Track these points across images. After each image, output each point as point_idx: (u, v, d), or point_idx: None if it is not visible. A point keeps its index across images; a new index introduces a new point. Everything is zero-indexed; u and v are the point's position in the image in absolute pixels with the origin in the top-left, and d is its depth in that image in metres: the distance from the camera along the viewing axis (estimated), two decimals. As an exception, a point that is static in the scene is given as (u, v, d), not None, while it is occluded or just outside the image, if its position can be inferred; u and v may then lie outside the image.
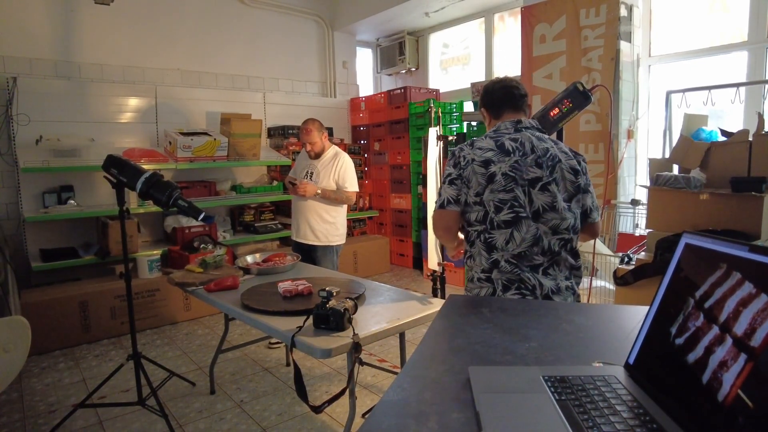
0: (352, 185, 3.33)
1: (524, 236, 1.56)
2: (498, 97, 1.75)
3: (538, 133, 1.66)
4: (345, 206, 3.42)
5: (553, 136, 1.90)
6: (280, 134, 5.08)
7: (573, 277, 1.63)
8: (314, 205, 3.29)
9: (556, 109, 1.94)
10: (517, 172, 1.57)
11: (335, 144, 5.43)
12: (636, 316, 1.11)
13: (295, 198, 3.36)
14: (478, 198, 1.59)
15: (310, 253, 3.27)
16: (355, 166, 5.43)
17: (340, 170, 3.31)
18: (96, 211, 3.81)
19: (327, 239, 3.33)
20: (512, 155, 1.59)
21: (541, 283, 1.57)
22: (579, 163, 1.64)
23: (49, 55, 4.03)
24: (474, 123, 4.64)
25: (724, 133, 2.98)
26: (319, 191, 3.23)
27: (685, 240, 0.79)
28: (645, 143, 3.95)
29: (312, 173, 3.32)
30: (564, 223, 1.57)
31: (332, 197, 3.28)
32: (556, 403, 0.70)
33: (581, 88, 1.90)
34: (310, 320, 1.67)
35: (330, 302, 1.66)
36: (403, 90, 5.36)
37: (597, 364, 0.85)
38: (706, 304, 0.68)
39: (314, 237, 3.32)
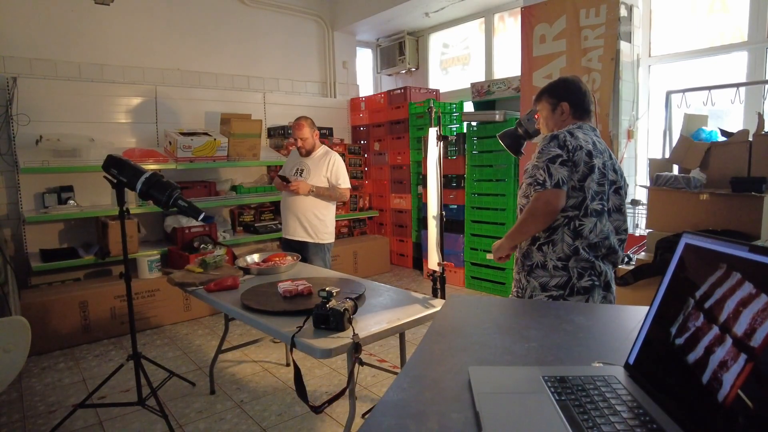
0: (345, 182, 3.37)
1: (603, 228, 1.68)
2: (588, 102, 1.83)
3: (597, 136, 1.80)
4: (333, 205, 3.46)
5: None
6: (280, 134, 5.08)
7: (613, 269, 1.79)
8: (307, 203, 3.31)
9: (538, 113, 2.02)
10: (606, 170, 1.72)
11: (336, 144, 5.48)
12: (636, 316, 1.11)
13: (285, 195, 3.38)
14: (580, 184, 1.65)
15: (301, 251, 3.28)
16: (355, 167, 5.50)
17: (333, 168, 3.34)
18: (96, 211, 3.81)
19: (318, 236, 3.37)
20: (603, 155, 1.72)
21: (605, 271, 1.72)
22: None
23: (49, 55, 4.03)
24: (474, 123, 4.64)
25: (724, 133, 2.98)
26: (313, 189, 3.25)
27: (685, 240, 0.79)
28: (645, 143, 3.95)
29: (302, 170, 3.35)
30: (624, 225, 1.76)
31: (326, 194, 3.31)
32: (556, 403, 0.70)
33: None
34: (310, 320, 1.67)
35: (330, 302, 1.66)
36: (403, 90, 5.36)
37: (597, 364, 0.85)
38: (706, 305, 0.68)
39: (305, 234, 3.35)
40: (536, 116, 2.03)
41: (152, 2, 4.52)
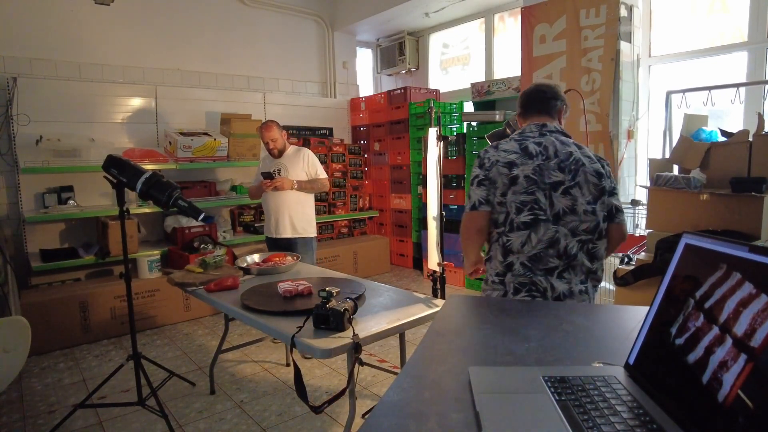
0: (322, 173, 3.51)
1: (540, 238, 1.58)
2: (527, 98, 1.78)
3: (562, 137, 1.68)
4: (313, 199, 3.57)
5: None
6: (280, 134, 5.08)
7: (590, 281, 1.64)
8: (293, 199, 3.39)
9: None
10: (538, 176, 1.59)
11: (336, 144, 5.48)
12: (636, 317, 1.11)
13: (268, 195, 3.42)
14: (502, 199, 1.62)
15: (288, 249, 3.32)
16: (355, 167, 5.50)
17: (308, 162, 3.46)
18: (96, 211, 3.81)
19: (306, 231, 3.46)
20: (535, 159, 1.61)
21: (553, 286, 1.58)
22: (603, 167, 1.66)
23: (49, 55, 4.03)
24: (474, 123, 4.64)
25: (724, 133, 2.98)
26: (295, 184, 3.33)
27: (685, 240, 0.79)
28: (645, 143, 3.95)
29: (280, 170, 3.41)
30: (582, 225, 1.59)
31: (308, 187, 3.42)
32: (556, 403, 0.70)
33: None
34: (310, 320, 1.67)
35: (330, 302, 1.66)
36: (403, 90, 5.36)
37: (597, 365, 0.85)
38: (706, 305, 0.68)
39: (294, 231, 3.42)
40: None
41: (152, 2, 4.53)
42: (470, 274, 1.86)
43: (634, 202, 3.51)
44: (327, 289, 1.69)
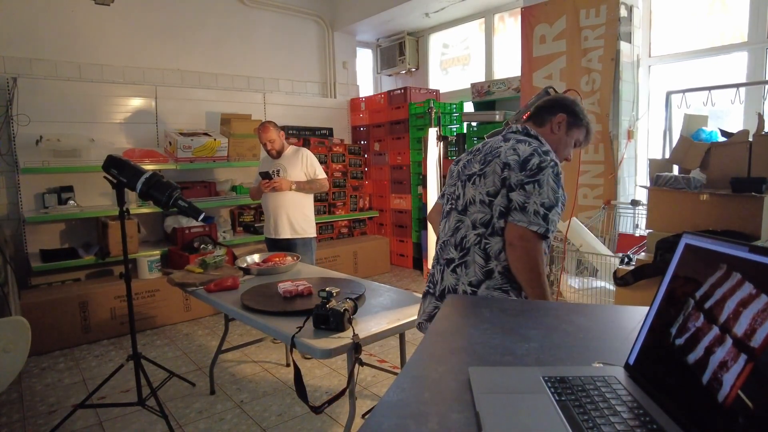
0: (322, 173, 3.50)
1: (450, 226, 1.62)
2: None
3: (511, 135, 1.60)
4: (312, 199, 3.57)
5: None
6: (280, 134, 5.08)
7: (487, 285, 1.51)
8: (293, 200, 3.39)
9: (529, 112, 2.00)
10: (463, 169, 1.64)
11: (336, 144, 5.48)
12: (636, 317, 1.11)
13: (267, 196, 3.42)
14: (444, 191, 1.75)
15: (288, 249, 3.32)
16: (355, 167, 5.50)
17: (307, 162, 3.46)
18: (96, 211, 3.81)
19: (305, 232, 3.46)
20: (470, 155, 1.66)
21: (442, 279, 1.59)
22: (527, 161, 1.47)
23: (49, 55, 4.03)
24: (474, 123, 4.64)
25: (724, 133, 2.98)
26: (293, 185, 3.34)
27: (685, 240, 0.79)
28: (645, 144, 3.95)
29: (279, 170, 3.41)
30: (478, 217, 1.52)
31: (307, 187, 3.42)
32: (556, 403, 0.70)
33: (552, 93, 1.98)
34: (310, 320, 1.67)
35: (330, 302, 1.66)
36: (403, 90, 5.36)
37: (597, 365, 0.85)
38: (706, 305, 0.68)
39: (293, 231, 3.42)
40: (524, 116, 2.03)
41: (152, 2, 4.53)
42: None
43: (634, 203, 3.51)
44: (327, 289, 1.69)
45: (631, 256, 3.06)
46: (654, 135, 3.91)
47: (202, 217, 2.22)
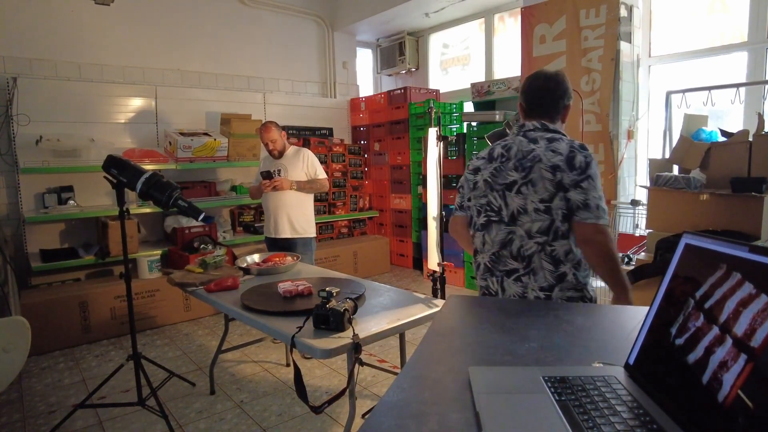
0: (322, 173, 3.51)
1: (493, 239, 1.58)
2: (532, 95, 1.66)
3: (534, 135, 1.58)
4: (313, 199, 3.58)
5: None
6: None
7: (560, 288, 1.51)
8: (293, 199, 3.40)
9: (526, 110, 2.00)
10: (494, 178, 1.58)
11: (336, 144, 5.48)
12: (636, 317, 1.11)
13: (268, 195, 3.42)
14: (468, 203, 1.69)
15: (287, 249, 3.32)
16: (355, 167, 5.50)
17: (308, 162, 3.46)
18: (96, 211, 3.81)
19: (305, 231, 3.47)
20: (495, 162, 1.60)
21: (504, 289, 1.58)
22: (571, 160, 1.49)
23: (49, 55, 4.03)
24: (474, 123, 4.64)
25: (724, 133, 2.99)
26: (294, 184, 3.34)
27: (685, 240, 0.79)
28: (645, 143, 3.95)
29: (280, 170, 3.41)
30: (535, 226, 1.50)
31: (307, 187, 3.43)
32: (556, 403, 0.70)
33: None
34: (310, 320, 1.67)
35: (330, 302, 1.66)
36: (403, 90, 5.36)
37: (597, 365, 0.85)
38: (706, 305, 0.68)
39: (293, 231, 3.42)
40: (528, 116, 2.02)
41: (152, 2, 4.53)
42: None
43: (634, 202, 3.51)
44: (327, 289, 1.69)
45: (631, 256, 3.06)
46: (654, 135, 3.91)
47: (202, 217, 2.22)
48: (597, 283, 1.65)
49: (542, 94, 1.64)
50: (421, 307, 1.90)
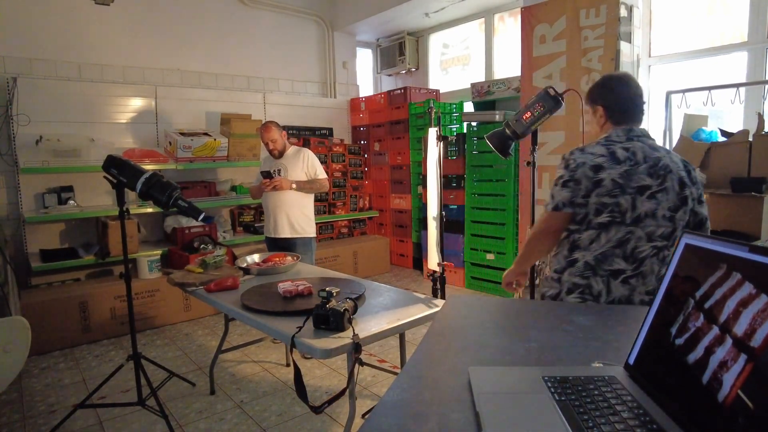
0: (322, 173, 3.51)
1: (609, 237, 1.58)
2: (625, 104, 1.71)
3: (650, 142, 1.67)
4: (313, 199, 3.58)
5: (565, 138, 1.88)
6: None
7: None
8: (293, 199, 3.40)
9: (528, 112, 2.02)
10: (625, 180, 1.58)
11: (336, 144, 5.48)
12: (636, 316, 1.11)
13: (267, 195, 3.42)
14: (584, 200, 1.62)
15: (287, 249, 3.32)
16: (355, 167, 5.51)
17: (308, 162, 3.47)
18: (96, 211, 3.81)
19: (305, 231, 3.47)
20: (623, 164, 1.60)
21: (609, 290, 1.57)
22: (689, 174, 1.64)
23: (49, 55, 4.03)
24: (474, 123, 4.63)
25: (724, 133, 2.99)
26: (293, 184, 3.34)
27: (685, 240, 0.79)
28: (645, 143, 3.95)
29: (280, 170, 3.42)
30: (659, 230, 1.58)
31: (307, 187, 3.43)
32: (556, 403, 0.70)
33: (552, 93, 1.98)
34: (310, 320, 1.67)
35: (330, 302, 1.66)
36: (403, 90, 5.36)
37: (597, 365, 0.85)
38: (706, 305, 0.68)
39: (292, 231, 3.43)
40: (524, 117, 2.03)
41: (152, 2, 4.53)
42: (507, 285, 1.86)
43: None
44: (327, 289, 1.69)
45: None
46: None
47: (202, 217, 2.22)
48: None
49: (638, 101, 1.72)
50: (421, 307, 1.90)
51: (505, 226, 4.33)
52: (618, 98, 1.72)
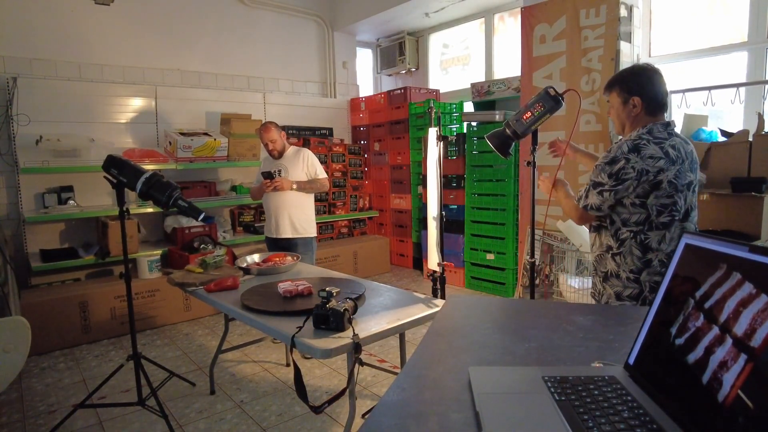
0: (322, 173, 3.52)
1: (672, 236, 1.68)
2: (662, 98, 1.73)
3: (682, 135, 1.74)
4: (313, 199, 3.58)
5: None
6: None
7: None
8: (294, 199, 3.40)
9: (529, 112, 2.02)
10: (678, 180, 1.65)
11: (336, 144, 5.49)
12: (636, 316, 1.11)
13: (268, 196, 3.43)
14: (639, 201, 1.65)
15: (288, 249, 3.32)
16: (355, 167, 5.51)
17: (308, 162, 3.47)
18: (96, 211, 3.81)
19: (306, 231, 3.47)
20: (676, 163, 1.65)
21: None
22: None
23: (49, 55, 4.03)
24: (474, 123, 4.63)
25: (724, 133, 2.99)
26: (294, 184, 3.34)
27: (685, 240, 0.79)
28: (645, 143, 3.95)
29: (280, 170, 3.42)
30: (695, 219, 1.75)
31: (308, 187, 3.43)
32: (556, 403, 0.70)
33: (552, 93, 1.99)
34: (310, 320, 1.67)
35: (330, 302, 1.66)
36: (403, 90, 5.36)
37: (597, 365, 0.85)
38: (706, 305, 0.68)
39: (294, 231, 3.43)
40: (525, 117, 2.03)
41: (152, 2, 4.53)
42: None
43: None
44: (327, 289, 1.69)
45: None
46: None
47: (202, 217, 2.22)
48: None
49: (666, 95, 1.76)
50: (421, 307, 1.90)
51: (505, 226, 4.33)
52: (658, 91, 1.72)
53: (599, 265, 1.83)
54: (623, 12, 3.52)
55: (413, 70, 6.17)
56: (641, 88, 1.72)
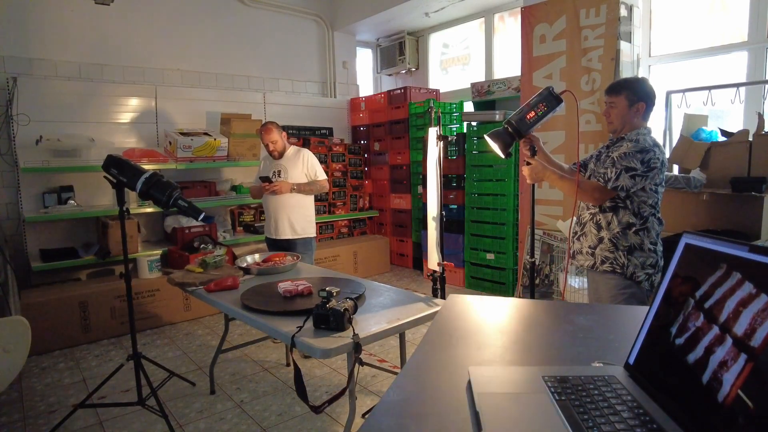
0: (322, 174, 3.51)
1: (659, 219, 2.08)
2: (653, 100, 2.07)
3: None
4: (313, 200, 3.57)
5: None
6: (280, 134, 5.08)
7: None
8: (293, 201, 3.40)
9: (532, 112, 2.03)
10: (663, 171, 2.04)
11: (336, 144, 5.48)
12: (636, 316, 1.11)
13: (268, 197, 3.42)
14: (656, 187, 2.00)
15: (288, 249, 3.32)
16: (355, 167, 5.51)
17: (308, 163, 3.46)
18: (96, 211, 3.81)
19: (305, 232, 3.47)
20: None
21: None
22: None
23: (49, 55, 4.03)
24: (474, 123, 4.63)
25: (724, 133, 2.99)
26: (294, 186, 3.34)
27: (685, 240, 0.79)
28: (645, 143, 3.95)
29: (280, 171, 3.41)
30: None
31: (307, 189, 3.43)
32: (556, 403, 0.70)
33: (555, 93, 2.03)
34: (310, 320, 1.67)
35: (330, 302, 1.66)
36: (403, 90, 5.36)
37: (597, 364, 0.85)
38: (706, 305, 0.68)
39: (293, 232, 3.43)
40: (528, 117, 2.02)
41: (152, 2, 4.52)
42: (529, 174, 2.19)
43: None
44: (327, 289, 1.69)
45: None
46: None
47: (202, 216, 2.22)
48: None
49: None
50: (421, 307, 1.90)
51: (505, 226, 4.33)
52: (654, 101, 2.08)
53: (622, 240, 2.05)
54: (623, 12, 3.52)
55: (413, 69, 6.17)
56: (648, 97, 2.05)
